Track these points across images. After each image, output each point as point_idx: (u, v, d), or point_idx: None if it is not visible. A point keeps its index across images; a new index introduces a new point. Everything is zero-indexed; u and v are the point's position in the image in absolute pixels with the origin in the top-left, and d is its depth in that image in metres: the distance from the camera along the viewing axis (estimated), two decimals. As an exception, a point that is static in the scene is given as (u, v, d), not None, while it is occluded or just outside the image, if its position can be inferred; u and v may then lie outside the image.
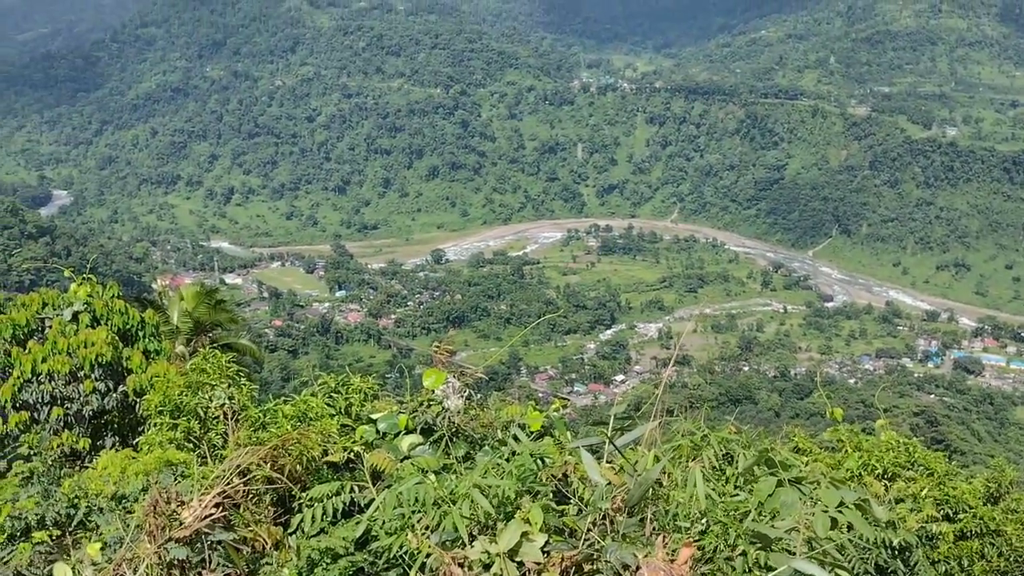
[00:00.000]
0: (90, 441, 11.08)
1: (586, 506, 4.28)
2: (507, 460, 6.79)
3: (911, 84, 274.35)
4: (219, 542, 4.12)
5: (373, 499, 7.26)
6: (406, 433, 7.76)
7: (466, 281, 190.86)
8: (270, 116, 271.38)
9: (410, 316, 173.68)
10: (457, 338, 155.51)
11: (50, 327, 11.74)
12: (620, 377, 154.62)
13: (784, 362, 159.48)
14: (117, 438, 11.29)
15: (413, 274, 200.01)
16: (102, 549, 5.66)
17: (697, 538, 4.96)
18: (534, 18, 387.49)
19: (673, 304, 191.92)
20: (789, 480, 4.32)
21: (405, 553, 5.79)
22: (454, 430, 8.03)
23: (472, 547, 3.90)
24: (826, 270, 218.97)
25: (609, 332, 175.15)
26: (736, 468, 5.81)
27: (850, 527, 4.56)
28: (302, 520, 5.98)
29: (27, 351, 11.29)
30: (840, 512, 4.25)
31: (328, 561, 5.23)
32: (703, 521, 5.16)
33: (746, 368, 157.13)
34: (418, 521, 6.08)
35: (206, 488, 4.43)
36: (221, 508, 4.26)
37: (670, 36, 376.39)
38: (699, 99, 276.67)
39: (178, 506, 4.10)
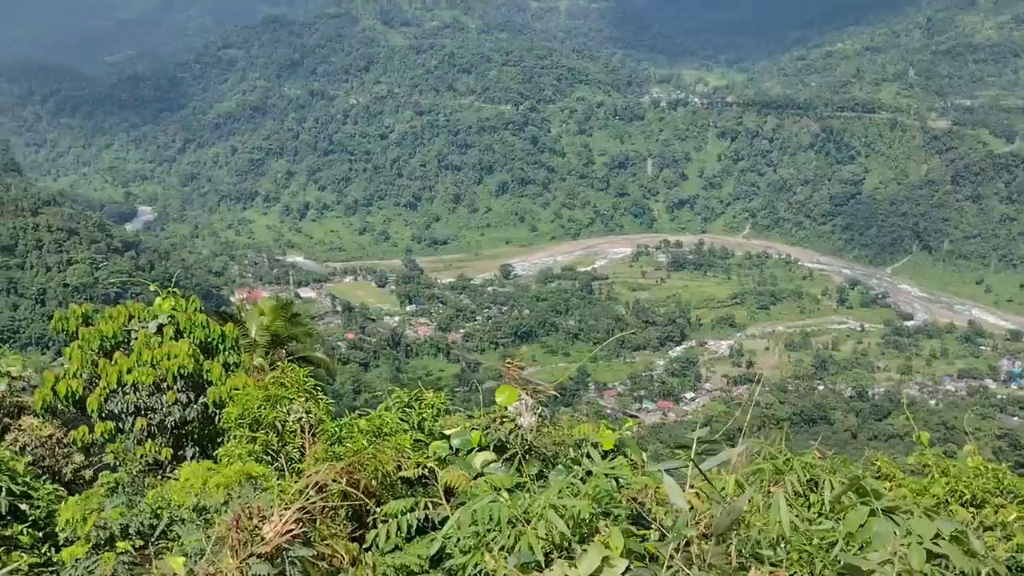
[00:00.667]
0: (172, 451, 11.38)
1: (667, 531, 4.18)
2: (582, 480, 6.73)
3: (993, 97, 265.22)
4: (299, 558, 4.16)
5: (446, 516, 7.28)
6: (479, 450, 7.76)
7: (534, 296, 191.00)
8: (344, 133, 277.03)
9: (478, 331, 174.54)
10: (526, 354, 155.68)
11: (135, 339, 12.12)
12: (690, 395, 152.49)
13: (861, 382, 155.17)
14: (197, 448, 11.57)
15: (482, 289, 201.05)
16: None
17: (785, 569, 4.80)
18: (604, 34, 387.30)
19: (745, 321, 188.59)
20: (882, 509, 4.14)
21: (480, 572, 5.76)
22: (527, 448, 7.98)
23: (551, 570, 3.84)
24: (905, 287, 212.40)
25: (679, 349, 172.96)
26: (821, 495, 5.62)
27: (945, 560, 4.35)
28: (377, 536, 6.01)
29: (114, 362, 11.67)
30: (936, 544, 4.06)
31: (403, 578, 5.23)
32: (787, 550, 5.00)
33: (821, 387, 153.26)
34: (492, 540, 6.05)
35: (286, 503, 4.48)
36: (300, 523, 4.29)
37: (743, 50, 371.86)
38: (772, 113, 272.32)
39: (260, 521, 4.15)
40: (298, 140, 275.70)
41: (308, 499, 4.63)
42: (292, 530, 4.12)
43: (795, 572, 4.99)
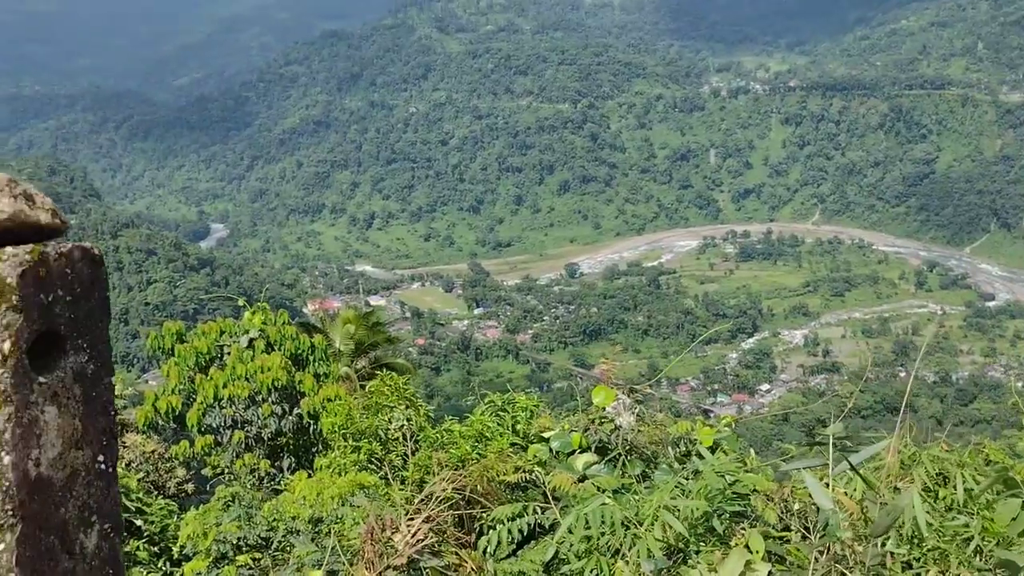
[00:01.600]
0: (269, 462, 11.61)
1: (808, 532, 4.04)
2: (689, 479, 6.60)
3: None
4: (430, 568, 4.16)
5: (552, 520, 7.23)
6: (580, 452, 7.68)
7: (601, 294, 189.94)
8: (406, 142, 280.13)
9: (546, 331, 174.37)
10: (613, 350, 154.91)
11: (228, 354, 12.40)
12: (765, 387, 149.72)
13: (944, 366, 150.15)
14: (293, 459, 11.78)
15: (548, 289, 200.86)
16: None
17: (920, 567, 4.62)
18: (660, 27, 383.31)
19: (819, 309, 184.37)
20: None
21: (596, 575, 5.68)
22: (628, 448, 7.88)
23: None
24: (986, 267, 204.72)
25: (752, 340, 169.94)
26: (952, 489, 5.40)
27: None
28: (488, 541, 5.98)
29: (209, 377, 11.95)
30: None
31: (522, 585, 5.19)
32: (923, 550, 4.80)
33: (902, 374, 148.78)
34: (606, 544, 5.96)
35: (411, 513, 4.48)
36: (428, 534, 4.29)
37: (803, 33, 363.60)
38: (837, 95, 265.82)
39: (392, 532, 4.15)
40: (361, 151, 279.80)
41: (433, 509, 4.62)
42: (423, 541, 4.12)
43: (928, 570, 4.79)
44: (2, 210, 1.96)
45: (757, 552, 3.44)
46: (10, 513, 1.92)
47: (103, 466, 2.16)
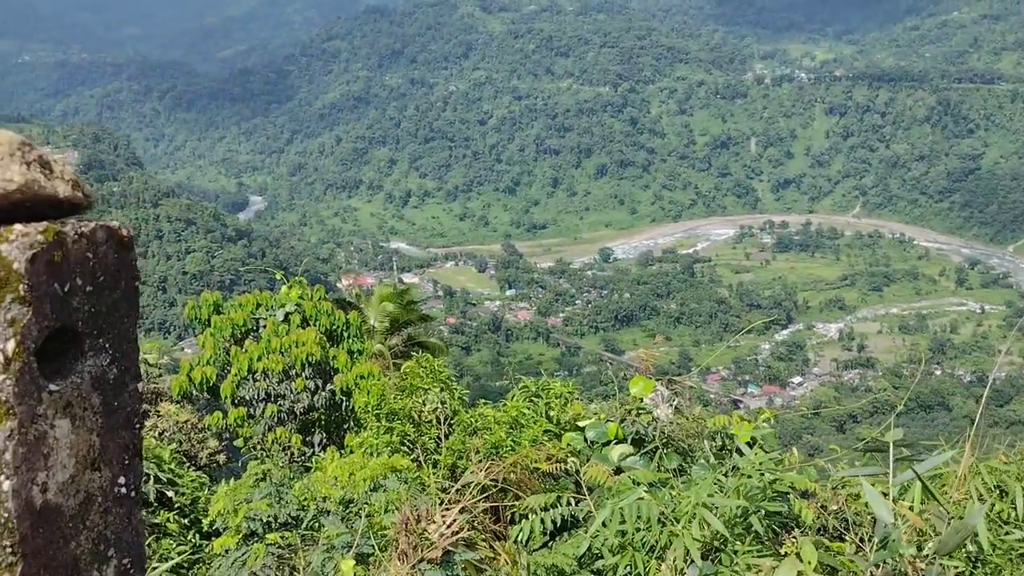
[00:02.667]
0: (300, 437, 11.62)
1: (861, 543, 3.86)
2: (725, 475, 6.42)
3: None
4: (466, 561, 4.04)
5: (584, 512, 7.09)
6: (616, 443, 7.53)
7: (634, 280, 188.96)
8: (444, 121, 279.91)
9: (578, 315, 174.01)
10: (652, 341, 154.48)
11: (263, 327, 12.41)
12: (797, 379, 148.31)
13: (981, 366, 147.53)
14: (324, 434, 11.78)
15: (581, 273, 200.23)
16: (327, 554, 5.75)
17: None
18: (705, 11, 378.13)
19: (855, 303, 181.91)
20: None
21: (630, 573, 5.53)
22: (665, 441, 7.71)
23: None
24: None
25: (785, 332, 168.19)
26: (1013, 503, 5.16)
27: None
28: (521, 532, 5.86)
29: (244, 350, 11.97)
30: None
31: (555, 578, 5.07)
32: (984, 571, 4.59)
33: (938, 372, 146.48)
34: (641, 540, 5.81)
35: (447, 502, 4.37)
36: (465, 525, 4.17)
37: (852, 22, 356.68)
38: (884, 86, 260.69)
39: (428, 523, 4.04)
40: (399, 128, 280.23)
41: (467, 498, 4.51)
42: (459, 532, 4.01)
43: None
44: (11, 179, 1.59)
45: (809, 563, 3.31)
46: (9, 550, 1.56)
47: (123, 490, 1.77)
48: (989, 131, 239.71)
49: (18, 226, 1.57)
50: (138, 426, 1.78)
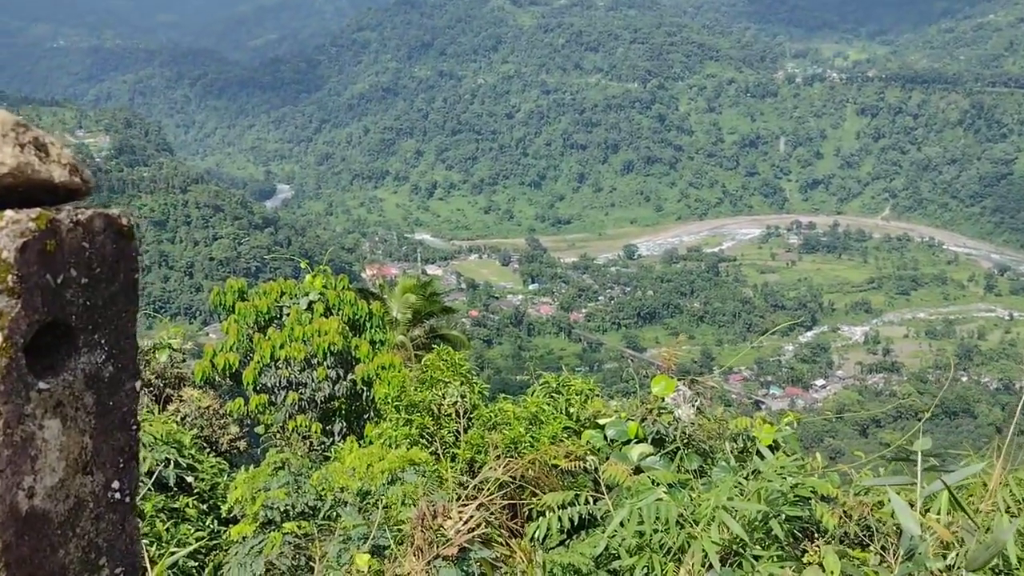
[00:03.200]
0: (320, 426, 11.66)
1: (884, 553, 3.78)
2: (746, 479, 6.34)
3: None
4: (482, 559, 4.01)
5: (603, 511, 7.04)
6: (636, 442, 7.46)
7: (658, 277, 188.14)
8: (472, 113, 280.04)
9: (600, 311, 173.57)
10: (676, 339, 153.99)
11: (287, 315, 12.47)
12: (820, 382, 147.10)
13: (1008, 373, 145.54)
14: (344, 424, 11.82)
15: (605, 269, 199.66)
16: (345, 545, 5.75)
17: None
18: (737, 8, 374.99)
19: (882, 307, 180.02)
20: None
21: (648, 574, 5.48)
22: (686, 441, 7.64)
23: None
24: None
25: (810, 334, 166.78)
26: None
27: None
28: (538, 529, 5.82)
29: (267, 337, 12.03)
30: None
31: (571, 577, 5.02)
32: None
33: (964, 378, 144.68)
34: (659, 542, 5.75)
35: (465, 498, 4.34)
36: (481, 522, 4.14)
37: (886, 22, 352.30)
38: (917, 88, 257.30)
39: (444, 519, 4.02)
40: (427, 120, 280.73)
41: (485, 495, 4.48)
42: (475, 529, 3.98)
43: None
44: (2, 162, 1.47)
45: (832, 573, 3.30)
46: None
47: (117, 495, 1.62)
48: (1023, 136, 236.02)
49: (8, 212, 1.46)
50: (134, 427, 1.64)
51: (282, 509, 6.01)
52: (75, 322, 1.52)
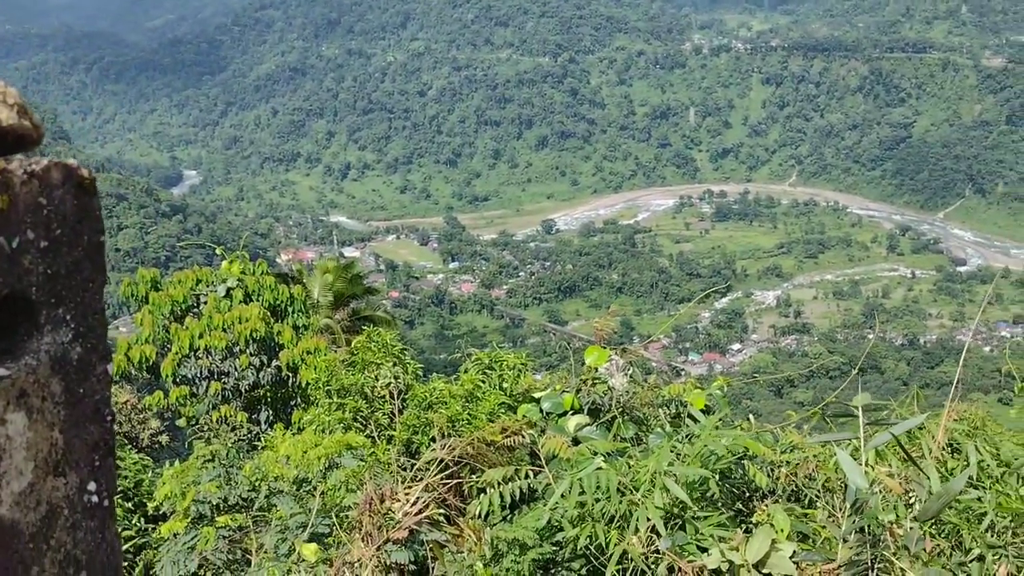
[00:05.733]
0: (246, 415, 11.35)
1: (831, 509, 3.84)
2: (684, 443, 6.40)
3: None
4: (432, 542, 3.92)
5: (544, 484, 7.02)
6: (572, 414, 7.46)
7: (577, 251, 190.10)
8: (383, 92, 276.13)
9: (521, 286, 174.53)
10: (610, 311, 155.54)
11: (204, 303, 12.05)
12: (736, 346, 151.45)
13: (913, 329, 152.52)
14: (271, 412, 11.53)
15: (524, 245, 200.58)
16: (284, 535, 5.59)
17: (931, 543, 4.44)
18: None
19: (792, 271, 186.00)
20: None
21: (591, 544, 5.48)
22: (621, 410, 7.68)
23: (710, 555, 3.53)
24: (958, 232, 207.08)
25: (724, 300, 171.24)
26: (963, 461, 5.23)
27: None
28: (480, 507, 5.76)
29: (185, 327, 11.62)
30: None
31: (517, 553, 4.98)
32: (932, 529, 4.63)
33: (871, 336, 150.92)
34: (600, 511, 5.76)
35: (409, 480, 4.24)
36: (429, 503, 4.05)
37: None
38: (819, 56, 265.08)
39: (392, 503, 3.91)
40: (337, 100, 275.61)
41: (431, 476, 4.38)
42: (424, 512, 3.89)
43: (940, 545, 4.62)
44: None
45: (782, 531, 3.31)
46: None
47: (95, 498, 1.33)
48: (920, 100, 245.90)
49: None
50: (109, 418, 1.35)
51: (214, 503, 5.80)
52: (35, 295, 1.23)
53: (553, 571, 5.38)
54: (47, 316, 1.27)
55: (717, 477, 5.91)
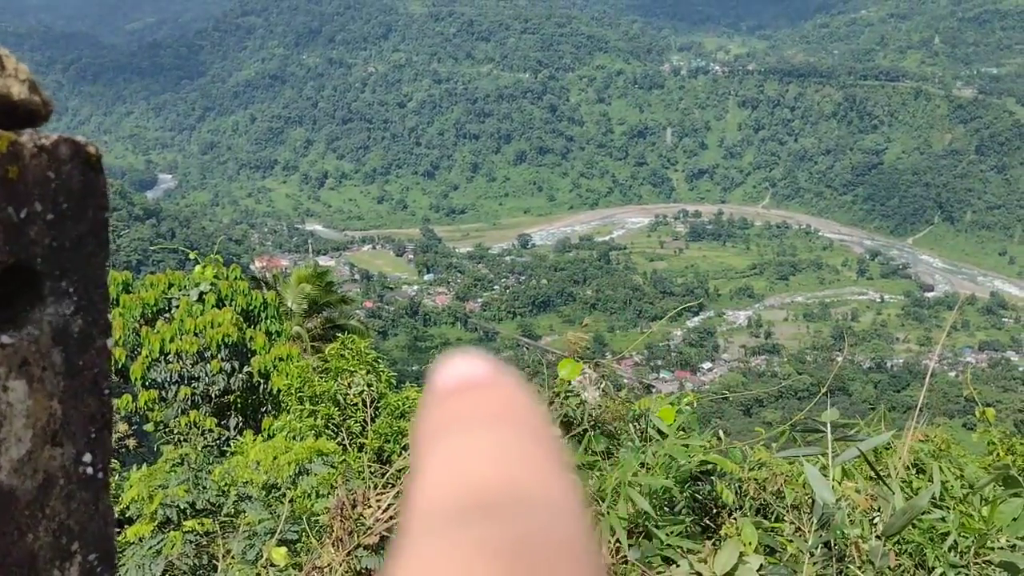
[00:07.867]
0: (215, 420, 11.26)
1: (799, 524, 3.90)
2: (652, 456, 6.44)
3: (1021, 65, 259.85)
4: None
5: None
6: (544, 426, 7.46)
7: (552, 266, 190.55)
8: (363, 102, 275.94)
9: (496, 300, 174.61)
10: (583, 325, 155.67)
11: (176, 307, 11.96)
12: (707, 365, 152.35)
13: (880, 353, 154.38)
14: (241, 418, 11.44)
15: (499, 258, 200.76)
16: (251, 541, 5.56)
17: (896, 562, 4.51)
18: (624, 1, 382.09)
19: (763, 292, 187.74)
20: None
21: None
22: (593, 423, 7.72)
23: (677, 567, 3.57)
24: (927, 259, 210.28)
25: (697, 319, 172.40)
26: (928, 480, 5.32)
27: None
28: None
29: (156, 330, 11.52)
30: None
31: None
32: (896, 548, 4.70)
33: (840, 358, 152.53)
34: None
35: (381, 486, 4.24)
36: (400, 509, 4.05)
37: (764, 18, 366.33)
38: (794, 81, 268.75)
39: (364, 509, 3.90)
40: (316, 109, 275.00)
41: (402, 482, 4.38)
42: (395, 517, 3.89)
43: (902, 566, 4.70)
44: None
45: (750, 544, 3.31)
46: None
47: (90, 469, 1.22)
48: (892, 127, 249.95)
49: None
50: (107, 392, 1.23)
51: (182, 507, 5.75)
52: (40, 266, 1.15)
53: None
54: (50, 288, 1.18)
55: (682, 487, 5.98)
